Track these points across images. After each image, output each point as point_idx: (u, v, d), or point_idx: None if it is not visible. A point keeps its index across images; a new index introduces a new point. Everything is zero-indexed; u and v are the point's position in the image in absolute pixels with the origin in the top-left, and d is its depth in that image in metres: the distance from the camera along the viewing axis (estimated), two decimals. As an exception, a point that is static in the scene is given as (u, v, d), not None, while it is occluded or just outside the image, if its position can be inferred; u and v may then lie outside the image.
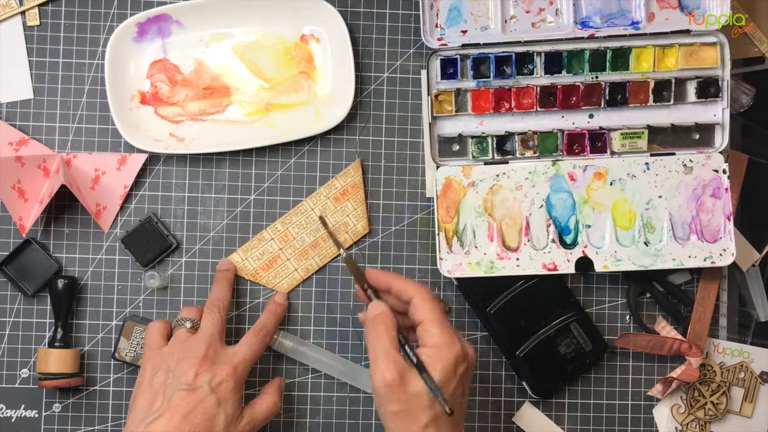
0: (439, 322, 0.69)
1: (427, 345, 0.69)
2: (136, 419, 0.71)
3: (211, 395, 0.71)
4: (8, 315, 0.83)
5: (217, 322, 0.77)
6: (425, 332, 0.69)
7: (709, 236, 0.85)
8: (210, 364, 0.73)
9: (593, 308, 0.87)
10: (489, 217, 0.85)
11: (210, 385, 0.72)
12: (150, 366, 0.74)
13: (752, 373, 0.88)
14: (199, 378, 0.72)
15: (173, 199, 0.85)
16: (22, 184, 0.80)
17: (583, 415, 0.87)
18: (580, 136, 0.85)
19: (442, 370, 0.67)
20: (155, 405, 0.71)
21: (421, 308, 0.70)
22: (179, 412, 0.70)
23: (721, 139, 0.85)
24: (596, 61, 0.84)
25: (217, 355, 0.74)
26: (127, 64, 0.84)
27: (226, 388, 0.73)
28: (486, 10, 0.84)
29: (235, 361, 0.74)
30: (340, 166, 0.86)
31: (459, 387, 0.68)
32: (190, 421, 0.70)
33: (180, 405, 0.70)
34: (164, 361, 0.74)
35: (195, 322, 0.77)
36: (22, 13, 0.84)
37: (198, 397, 0.71)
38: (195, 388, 0.71)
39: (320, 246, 0.85)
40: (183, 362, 0.73)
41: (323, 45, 0.85)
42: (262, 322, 0.80)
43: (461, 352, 0.68)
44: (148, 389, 0.73)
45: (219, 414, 0.71)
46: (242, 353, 0.75)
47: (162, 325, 0.78)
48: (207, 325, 0.76)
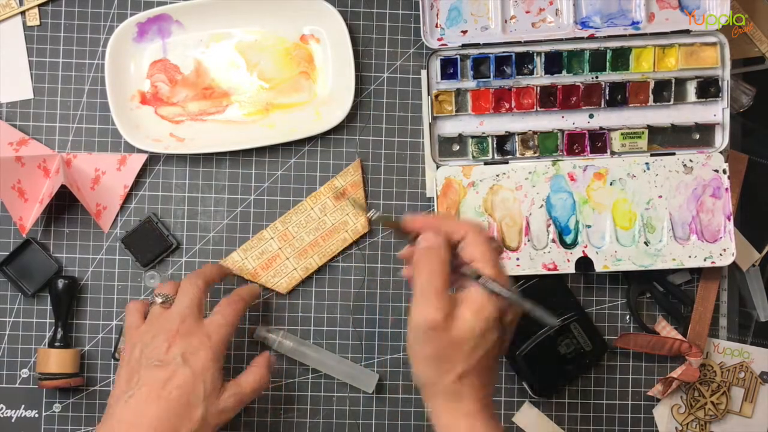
0: (494, 262, 0.63)
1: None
2: (115, 395, 0.71)
3: (184, 367, 0.70)
4: (8, 315, 0.83)
5: (194, 294, 0.74)
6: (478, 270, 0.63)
7: (709, 236, 0.85)
8: (183, 337, 0.71)
9: (593, 308, 0.87)
10: (489, 217, 0.85)
11: (183, 357, 0.70)
12: (129, 344, 0.74)
13: (752, 373, 0.88)
14: (171, 350, 0.71)
15: (173, 199, 0.85)
16: (22, 184, 0.80)
17: (583, 415, 0.87)
18: (580, 136, 0.85)
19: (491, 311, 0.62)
20: (131, 382, 0.71)
21: (474, 246, 0.64)
22: (153, 387, 0.69)
23: (721, 139, 0.85)
24: (596, 61, 0.84)
25: (192, 327, 0.72)
26: (127, 64, 0.84)
27: (201, 357, 0.71)
28: (486, 10, 0.84)
29: (207, 331, 0.72)
30: (340, 166, 0.86)
31: (501, 336, 0.63)
32: (164, 397, 0.69)
33: (152, 380, 0.69)
34: (140, 338, 0.73)
35: (169, 296, 0.75)
36: (22, 13, 0.84)
37: (170, 371, 0.70)
38: (167, 362, 0.70)
39: (320, 245, 0.85)
40: (156, 338, 0.72)
41: (323, 45, 0.86)
42: (236, 291, 0.78)
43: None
44: (126, 367, 0.72)
45: (197, 385, 0.70)
46: (216, 322, 0.73)
47: (139, 304, 0.77)
48: (182, 298, 0.74)
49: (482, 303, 0.62)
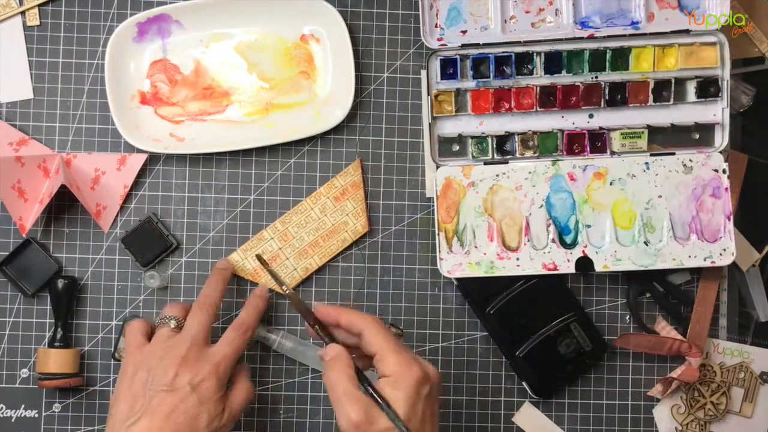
0: (393, 349, 0.68)
1: (386, 375, 0.67)
2: (117, 422, 0.70)
3: (192, 394, 0.71)
4: (8, 315, 0.84)
5: (203, 321, 0.75)
6: (381, 362, 0.68)
7: (709, 236, 0.85)
8: (191, 364, 0.72)
9: (593, 308, 0.87)
10: (489, 217, 0.85)
11: (191, 384, 0.71)
12: (131, 365, 0.73)
13: (752, 373, 0.88)
14: (179, 378, 0.71)
15: (173, 199, 0.85)
16: (22, 184, 0.80)
17: (583, 415, 0.87)
18: (580, 136, 0.85)
19: (405, 398, 0.66)
20: (135, 407, 0.71)
21: (373, 339, 0.69)
22: (160, 413, 0.69)
23: (721, 139, 0.85)
24: (596, 61, 0.84)
25: (199, 355, 0.73)
26: (127, 64, 0.84)
27: (208, 387, 0.72)
28: (486, 10, 0.84)
29: (216, 360, 0.73)
30: (340, 166, 0.86)
31: (428, 408, 0.67)
32: (172, 421, 0.69)
33: (161, 405, 0.70)
34: (145, 360, 0.73)
35: (179, 320, 0.76)
36: (22, 13, 0.84)
37: (179, 397, 0.70)
38: (175, 388, 0.71)
39: (320, 245, 0.85)
40: (164, 361, 0.72)
41: (323, 45, 0.86)
42: (242, 318, 0.78)
43: (421, 374, 0.67)
44: (128, 391, 0.72)
45: (202, 413, 0.71)
46: (223, 351, 0.74)
47: (143, 324, 0.77)
48: (192, 324, 0.75)
49: (396, 385, 0.67)
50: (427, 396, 0.67)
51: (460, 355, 0.86)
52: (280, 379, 0.85)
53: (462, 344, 0.87)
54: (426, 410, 0.67)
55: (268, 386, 0.85)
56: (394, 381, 0.67)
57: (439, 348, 0.86)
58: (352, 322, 0.71)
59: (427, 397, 0.67)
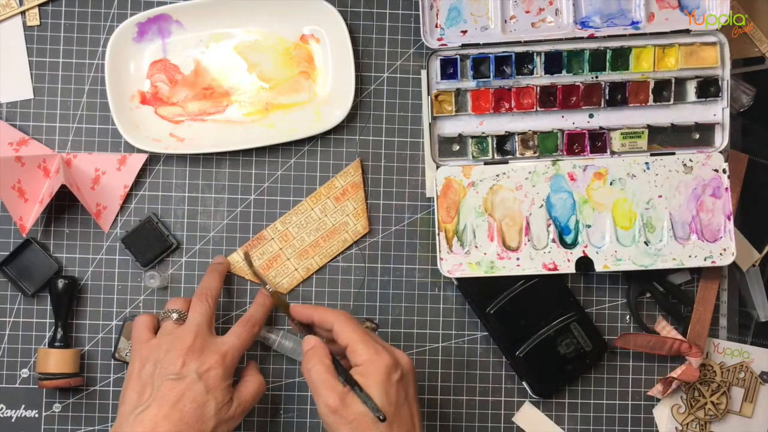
0: (362, 340, 0.71)
1: (357, 364, 0.71)
2: (125, 412, 0.71)
3: (199, 382, 0.71)
4: (8, 315, 0.83)
5: (205, 311, 0.76)
6: (353, 353, 0.71)
7: (709, 236, 0.85)
8: (197, 353, 0.73)
9: (593, 308, 0.87)
10: (489, 217, 0.85)
11: (197, 372, 0.72)
12: (138, 359, 0.74)
13: (752, 373, 0.88)
14: (186, 366, 0.72)
15: (173, 199, 0.85)
16: (22, 184, 0.80)
17: (583, 415, 0.87)
18: (580, 136, 0.85)
19: (376, 383, 0.69)
20: (144, 396, 0.71)
21: (342, 332, 0.72)
22: (168, 401, 0.70)
23: (721, 139, 0.85)
24: (596, 61, 0.84)
25: (205, 344, 0.74)
26: (127, 64, 0.84)
27: (215, 376, 0.72)
28: (486, 10, 0.84)
29: (223, 350, 0.74)
30: (340, 166, 0.86)
31: (401, 392, 0.70)
32: (179, 409, 0.70)
33: (168, 394, 0.71)
34: (152, 353, 0.74)
35: (182, 313, 0.77)
36: (22, 13, 0.84)
37: (186, 385, 0.71)
38: (182, 376, 0.71)
39: (320, 245, 0.85)
40: (170, 353, 0.73)
41: (323, 45, 0.86)
42: (251, 313, 0.79)
43: (391, 361, 0.70)
44: (137, 382, 0.73)
45: (209, 401, 0.71)
46: (230, 342, 0.75)
47: (148, 319, 0.77)
48: (195, 315, 0.76)
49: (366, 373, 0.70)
50: (399, 381, 0.70)
51: (460, 355, 0.87)
52: (280, 379, 0.85)
53: (462, 344, 0.87)
54: (400, 393, 0.70)
55: (268, 386, 0.85)
56: (365, 369, 0.70)
57: (439, 348, 0.86)
58: (323, 319, 0.74)
59: (399, 382, 0.70)
